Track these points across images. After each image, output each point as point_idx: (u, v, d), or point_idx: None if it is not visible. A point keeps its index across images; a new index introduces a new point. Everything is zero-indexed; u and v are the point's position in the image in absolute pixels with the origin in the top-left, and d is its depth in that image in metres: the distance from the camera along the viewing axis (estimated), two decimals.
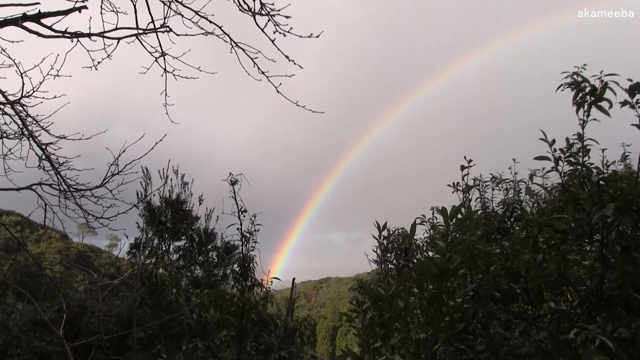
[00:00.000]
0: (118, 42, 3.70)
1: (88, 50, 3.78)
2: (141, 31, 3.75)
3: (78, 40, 3.62)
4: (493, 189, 8.10)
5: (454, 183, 4.33)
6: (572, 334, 3.12)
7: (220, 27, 4.15)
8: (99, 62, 3.86)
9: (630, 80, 3.43)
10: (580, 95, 3.62)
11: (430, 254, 4.53)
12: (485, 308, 3.48)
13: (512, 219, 6.89)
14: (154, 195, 16.86)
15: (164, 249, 16.44)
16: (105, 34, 3.61)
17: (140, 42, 3.72)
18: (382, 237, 4.46)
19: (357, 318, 3.58)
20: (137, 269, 4.25)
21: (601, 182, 3.63)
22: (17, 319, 11.45)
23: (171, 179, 17.36)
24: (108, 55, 3.88)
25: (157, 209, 16.94)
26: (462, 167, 4.26)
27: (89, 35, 3.57)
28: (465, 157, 4.28)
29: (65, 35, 3.46)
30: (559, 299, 4.20)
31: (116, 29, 3.67)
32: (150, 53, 4.13)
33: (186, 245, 16.49)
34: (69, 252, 41.79)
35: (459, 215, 3.48)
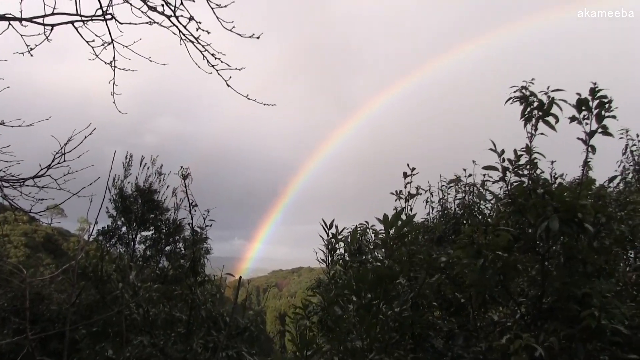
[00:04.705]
0: (52, 29, 3.49)
1: (21, 35, 3.56)
2: (81, 18, 3.55)
3: (10, 24, 3.41)
4: (456, 190, 8.10)
5: (396, 191, 4.28)
6: (504, 339, 3.13)
7: (168, 18, 4.00)
8: (31, 48, 3.62)
9: (579, 94, 3.41)
10: (528, 109, 3.60)
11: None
12: (422, 318, 3.43)
13: (468, 221, 6.89)
14: (128, 182, 16.71)
15: (130, 237, 16.18)
16: (38, 19, 3.39)
17: (76, 29, 3.50)
18: (329, 236, 4.39)
19: (291, 324, 3.50)
20: (76, 262, 4.06)
21: (546, 195, 3.62)
22: None
23: (148, 167, 17.18)
24: (46, 38, 3.66)
25: (127, 198, 16.70)
26: (405, 175, 4.20)
27: (20, 19, 3.36)
28: (408, 164, 4.23)
29: None
30: (501, 310, 4.19)
31: (53, 14, 3.46)
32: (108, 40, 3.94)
33: (154, 235, 16.22)
34: (36, 235, 40.72)
35: (399, 223, 3.41)
